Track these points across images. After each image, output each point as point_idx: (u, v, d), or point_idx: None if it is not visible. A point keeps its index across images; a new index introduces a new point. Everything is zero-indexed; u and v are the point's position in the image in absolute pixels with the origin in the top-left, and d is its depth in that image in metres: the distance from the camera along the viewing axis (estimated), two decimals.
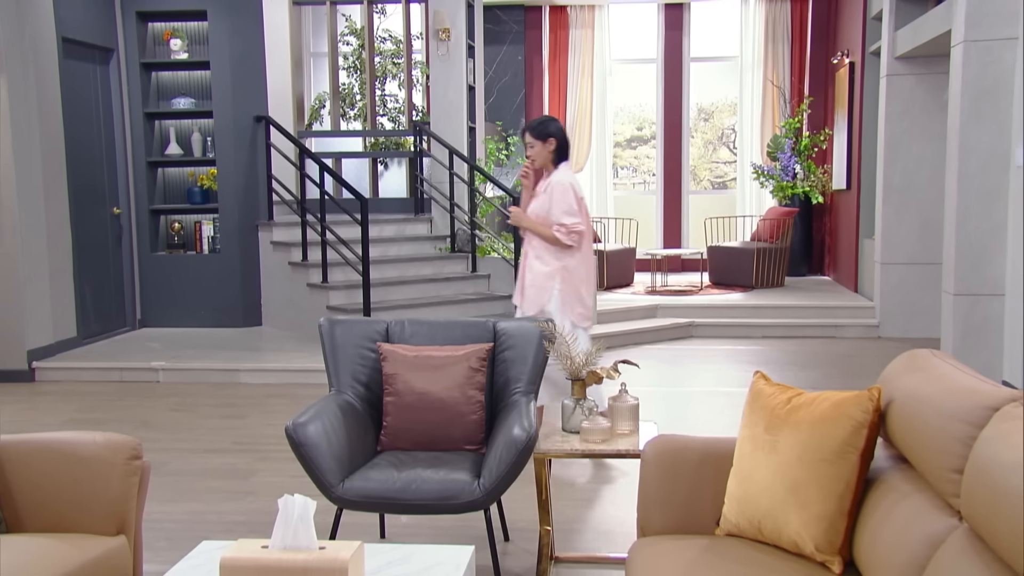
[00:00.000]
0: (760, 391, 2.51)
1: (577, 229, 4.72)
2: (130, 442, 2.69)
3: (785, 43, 11.14)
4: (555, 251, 4.78)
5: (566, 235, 4.71)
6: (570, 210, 4.71)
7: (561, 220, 4.70)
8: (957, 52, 6.07)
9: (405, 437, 3.36)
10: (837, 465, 2.21)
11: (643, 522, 2.67)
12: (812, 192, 10.41)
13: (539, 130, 4.78)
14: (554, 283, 4.76)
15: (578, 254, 4.81)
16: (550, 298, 4.76)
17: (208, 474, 4.65)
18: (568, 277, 4.77)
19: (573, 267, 4.78)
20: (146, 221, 8.30)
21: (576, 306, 4.77)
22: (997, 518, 1.66)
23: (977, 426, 1.88)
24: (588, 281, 4.87)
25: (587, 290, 4.86)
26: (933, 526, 1.91)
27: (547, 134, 4.77)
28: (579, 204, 4.76)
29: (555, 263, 4.77)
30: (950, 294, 6.15)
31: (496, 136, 11.07)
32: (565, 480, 4.44)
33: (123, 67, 8.14)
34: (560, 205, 4.72)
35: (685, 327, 8.45)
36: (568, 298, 4.76)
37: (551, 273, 4.77)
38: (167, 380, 6.78)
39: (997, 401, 1.89)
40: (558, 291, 4.76)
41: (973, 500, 1.78)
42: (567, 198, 4.72)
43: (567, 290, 4.76)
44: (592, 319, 4.93)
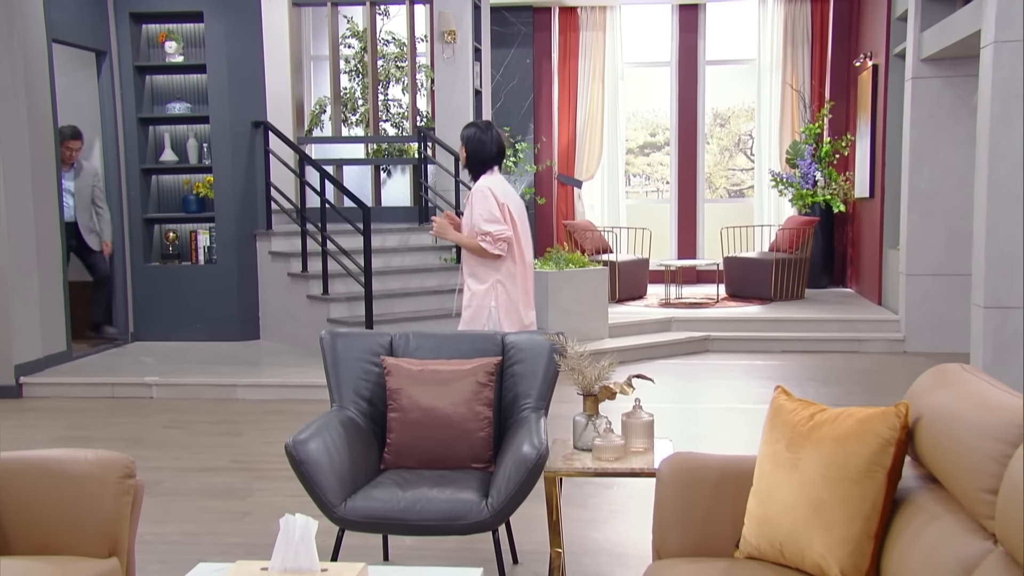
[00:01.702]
0: (781, 407, 2.50)
1: (503, 236, 4.55)
2: (123, 460, 2.69)
3: (805, 45, 11.15)
4: (485, 265, 4.63)
5: (492, 244, 4.55)
6: (491, 216, 4.54)
7: (483, 228, 4.54)
8: (987, 53, 6.07)
9: (410, 455, 3.35)
10: (863, 484, 2.20)
11: (659, 544, 2.66)
12: (833, 200, 10.40)
13: (462, 133, 4.75)
14: (490, 300, 4.62)
15: (511, 265, 4.65)
16: (487, 317, 4.63)
17: (204, 493, 4.65)
18: (503, 292, 4.62)
19: (507, 280, 4.63)
20: (139, 230, 8.33)
21: (515, 324, 4.63)
22: None
23: (1012, 444, 1.86)
24: (526, 295, 4.71)
25: (526, 305, 4.71)
26: (966, 549, 1.89)
27: (462, 140, 4.72)
28: (502, 209, 4.58)
29: (490, 278, 4.63)
30: (980, 307, 6.13)
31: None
32: (577, 500, 4.43)
33: (116, 70, 8.18)
34: (480, 212, 4.56)
35: (701, 341, 8.43)
36: (505, 316, 4.62)
37: (486, 290, 4.62)
38: (161, 396, 6.79)
39: None
40: (494, 308, 4.62)
41: (1008, 522, 1.76)
42: (486, 203, 4.56)
43: (504, 307, 4.62)
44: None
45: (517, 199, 4.78)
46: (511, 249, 4.66)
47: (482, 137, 4.66)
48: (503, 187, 4.72)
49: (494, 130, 4.73)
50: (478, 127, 4.71)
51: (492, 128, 4.73)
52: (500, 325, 4.62)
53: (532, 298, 4.82)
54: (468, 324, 4.66)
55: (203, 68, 8.19)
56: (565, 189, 11.55)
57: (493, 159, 4.70)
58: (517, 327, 4.61)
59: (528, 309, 4.73)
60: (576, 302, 7.84)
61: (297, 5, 9.14)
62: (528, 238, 4.82)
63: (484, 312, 4.65)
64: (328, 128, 9.40)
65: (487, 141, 4.66)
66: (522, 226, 4.75)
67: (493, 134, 4.70)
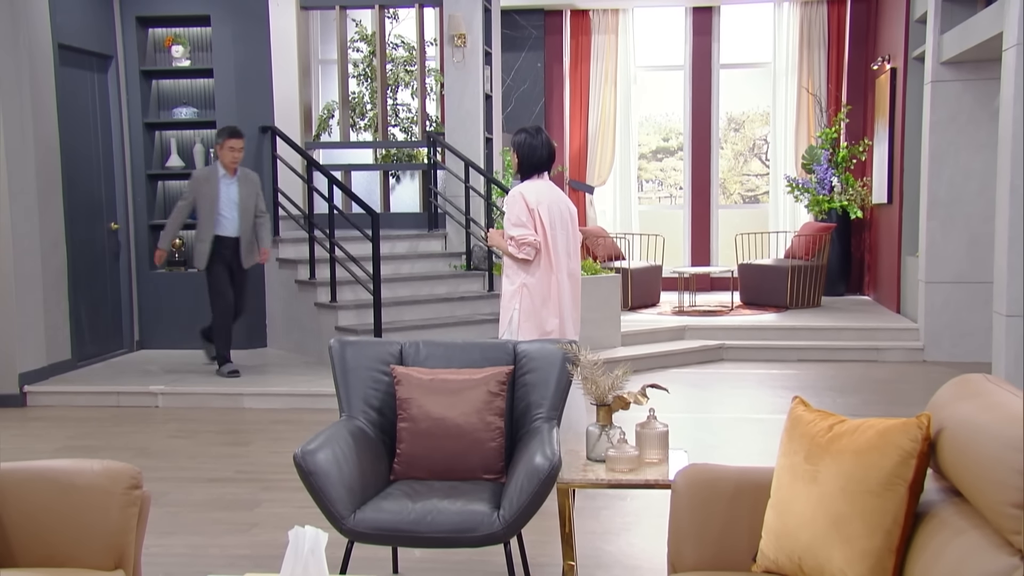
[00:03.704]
0: (799, 417, 2.49)
1: (527, 241, 4.67)
2: (129, 471, 2.69)
3: (821, 48, 11.14)
4: (516, 268, 4.77)
5: (517, 248, 4.70)
6: (518, 221, 4.70)
7: (510, 232, 4.71)
8: (1010, 56, 6.05)
9: (420, 465, 3.35)
10: (884, 498, 2.18)
11: (674, 557, 2.65)
12: (850, 206, 10.37)
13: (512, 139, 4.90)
14: (515, 303, 4.74)
15: (538, 271, 4.74)
16: (509, 320, 4.74)
17: (210, 505, 4.66)
18: (527, 296, 4.72)
19: (532, 285, 4.73)
20: (145, 237, 8.36)
21: (532, 330, 4.69)
22: None
23: None
24: (550, 302, 4.77)
25: (549, 312, 4.76)
26: (991, 565, 1.87)
27: (512, 145, 4.86)
28: (531, 215, 4.70)
29: (517, 281, 4.76)
30: (1002, 315, 6.10)
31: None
32: (590, 512, 4.42)
33: (122, 75, 8.23)
34: (509, 216, 4.74)
35: (715, 350, 8.41)
36: (525, 320, 4.71)
37: (513, 292, 4.76)
38: (167, 405, 6.81)
39: None
40: (517, 311, 4.72)
41: None
42: (515, 208, 4.73)
43: (525, 311, 4.72)
44: None
45: (557, 206, 4.85)
46: (540, 255, 4.73)
47: (532, 142, 4.81)
48: (538, 192, 4.81)
49: (544, 135, 4.90)
50: (528, 132, 4.88)
51: (542, 132, 4.90)
52: (520, 329, 4.68)
53: (566, 306, 4.85)
54: (501, 324, 4.83)
55: (210, 72, 8.23)
56: (577, 195, 11.55)
57: (544, 163, 4.85)
58: (536, 333, 4.67)
59: (551, 316, 4.77)
60: (588, 310, 7.78)
61: (305, 8, 9.17)
62: (568, 245, 4.87)
63: (508, 314, 4.78)
64: (336, 133, 9.43)
65: (537, 146, 4.82)
66: (561, 233, 4.82)
67: (543, 138, 4.86)
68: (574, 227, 4.94)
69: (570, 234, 4.89)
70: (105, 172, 8.13)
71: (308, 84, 9.37)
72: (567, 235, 4.86)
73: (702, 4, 11.34)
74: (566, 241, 4.85)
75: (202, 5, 8.14)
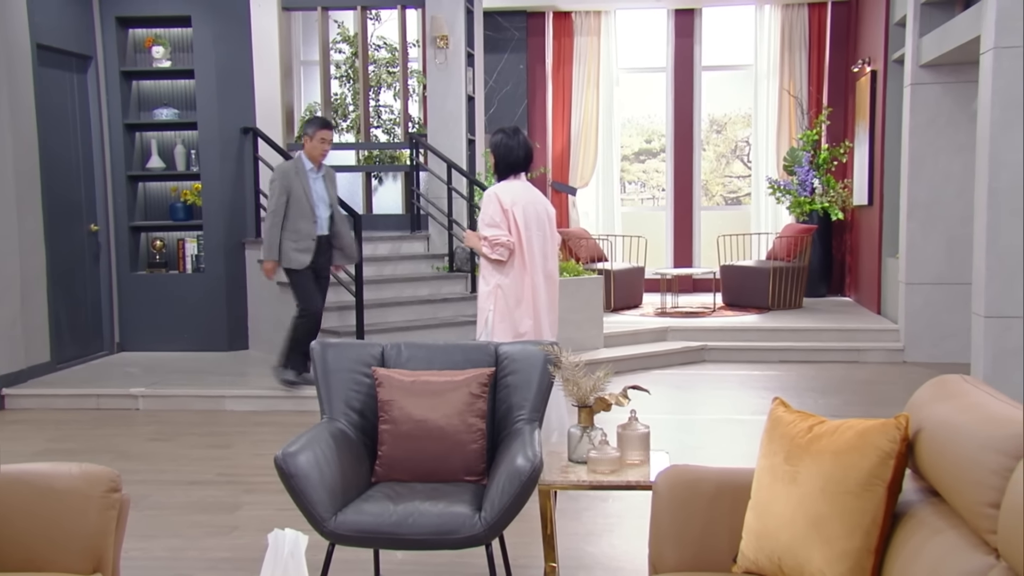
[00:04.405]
0: (779, 418, 2.50)
1: (500, 241, 4.69)
2: (108, 474, 2.68)
3: (802, 51, 11.19)
4: (491, 269, 4.78)
5: (490, 248, 4.72)
6: (491, 221, 4.71)
7: (483, 232, 4.73)
8: (987, 59, 6.09)
9: (401, 467, 3.34)
10: (863, 498, 2.20)
11: (655, 558, 2.66)
12: (831, 208, 10.43)
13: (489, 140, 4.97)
14: (489, 304, 4.76)
15: (512, 272, 4.75)
16: (485, 320, 4.75)
17: (191, 508, 4.63)
18: (502, 297, 4.74)
19: (506, 286, 4.74)
20: (126, 238, 8.31)
21: (507, 331, 4.69)
22: None
23: (1014, 457, 1.87)
24: (523, 303, 4.78)
25: (523, 313, 4.77)
26: (968, 564, 1.89)
27: (490, 146, 4.91)
28: (505, 215, 4.71)
29: (492, 282, 4.77)
30: (981, 316, 6.14)
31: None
32: (572, 513, 4.42)
33: (102, 75, 8.18)
34: (483, 217, 4.77)
35: (697, 351, 8.44)
36: (499, 321, 4.71)
37: (488, 293, 4.78)
38: (147, 407, 6.77)
39: None
40: (491, 312, 4.74)
41: (1011, 536, 1.77)
42: (488, 209, 4.75)
43: (500, 312, 4.73)
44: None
45: (533, 207, 4.85)
46: (514, 256, 4.72)
47: (509, 142, 4.84)
48: (514, 193, 4.80)
49: (521, 135, 4.90)
50: (505, 133, 4.90)
51: (519, 133, 4.90)
52: (494, 330, 4.68)
53: (541, 308, 4.85)
54: (477, 327, 4.84)
55: (191, 73, 8.20)
56: (559, 197, 11.56)
57: (521, 164, 4.88)
58: (510, 335, 4.66)
59: (525, 318, 4.77)
60: (571, 311, 7.83)
61: (287, 9, 9.14)
62: (544, 247, 4.86)
63: (484, 315, 4.79)
64: None
65: (514, 146, 4.84)
66: (537, 234, 4.82)
67: (520, 139, 4.89)
68: (552, 228, 4.93)
69: (547, 235, 4.89)
70: (85, 173, 8.08)
71: (290, 85, 9.34)
72: (544, 236, 4.86)
73: (684, 6, 11.38)
74: (542, 242, 4.85)
75: (183, 6, 8.11)
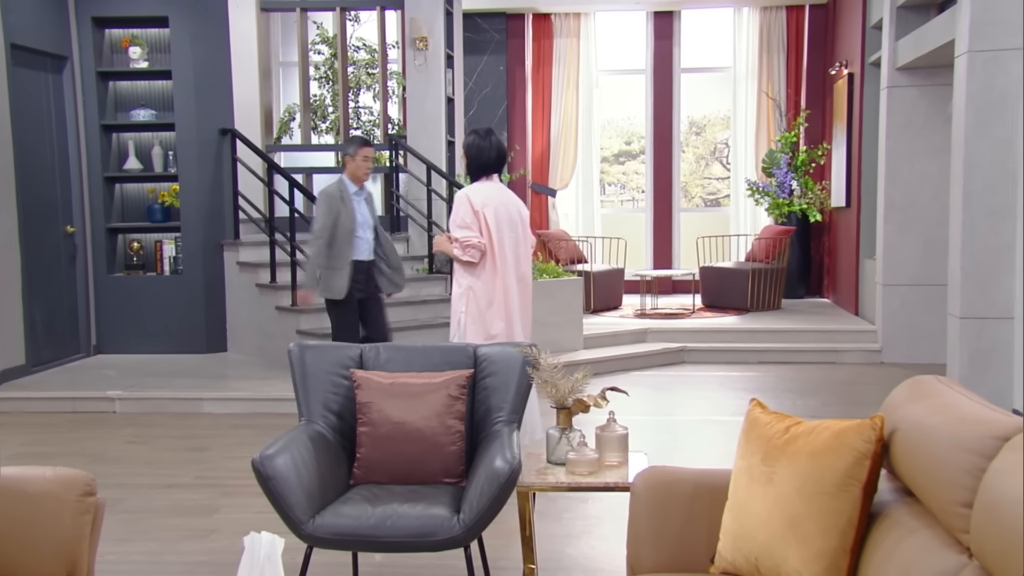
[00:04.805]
0: (756, 419, 2.51)
1: (471, 243, 4.71)
2: (83, 477, 2.65)
3: (780, 53, 11.25)
4: (463, 271, 4.81)
5: (461, 250, 4.73)
6: (462, 223, 4.74)
7: (455, 234, 4.75)
8: (961, 63, 6.15)
9: (380, 470, 3.34)
10: (838, 498, 2.21)
11: (633, 559, 2.66)
12: (810, 210, 10.49)
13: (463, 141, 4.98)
14: (461, 306, 4.78)
15: (483, 274, 4.77)
16: (458, 322, 4.77)
17: (168, 511, 4.60)
18: (473, 299, 4.76)
19: (478, 288, 4.76)
20: (102, 240, 8.25)
21: (478, 333, 4.71)
22: (1009, 555, 1.66)
23: (986, 457, 1.88)
24: (495, 305, 4.79)
25: (495, 315, 4.78)
26: (941, 563, 1.90)
27: (463, 147, 4.93)
28: (476, 217, 4.73)
29: (464, 284, 4.80)
30: (956, 317, 6.19)
31: None
32: (551, 514, 4.42)
33: (78, 76, 8.12)
34: (454, 218, 4.79)
35: (676, 352, 8.46)
36: (471, 323, 4.74)
37: (460, 295, 4.80)
38: (124, 410, 6.72)
39: (1007, 430, 1.90)
40: (463, 314, 4.76)
41: (983, 536, 1.78)
42: (459, 210, 4.77)
43: (471, 314, 4.76)
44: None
45: (505, 208, 4.85)
46: (486, 257, 4.73)
47: (481, 143, 4.85)
48: (485, 194, 4.81)
49: (494, 136, 4.91)
50: (478, 134, 4.92)
51: (492, 134, 4.92)
52: (466, 332, 4.70)
53: (513, 310, 4.85)
54: (451, 329, 4.85)
55: (168, 74, 8.15)
56: (539, 198, 11.57)
57: (492, 165, 4.88)
58: (482, 337, 4.68)
59: (497, 320, 4.77)
60: (550, 313, 7.85)
61: (265, 10, 9.11)
62: (517, 248, 4.87)
63: (456, 317, 4.80)
64: (297, 136, 9.37)
65: (486, 147, 4.85)
66: (509, 235, 4.83)
67: (493, 140, 4.90)
68: (525, 230, 4.95)
69: (520, 237, 4.89)
70: (60, 174, 8.02)
71: (269, 86, 9.31)
72: (516, 238, 4.87)
73: (663, 8, 11.42)
74: (515, 244, 4.86)
75: (160, 6, 8.06)
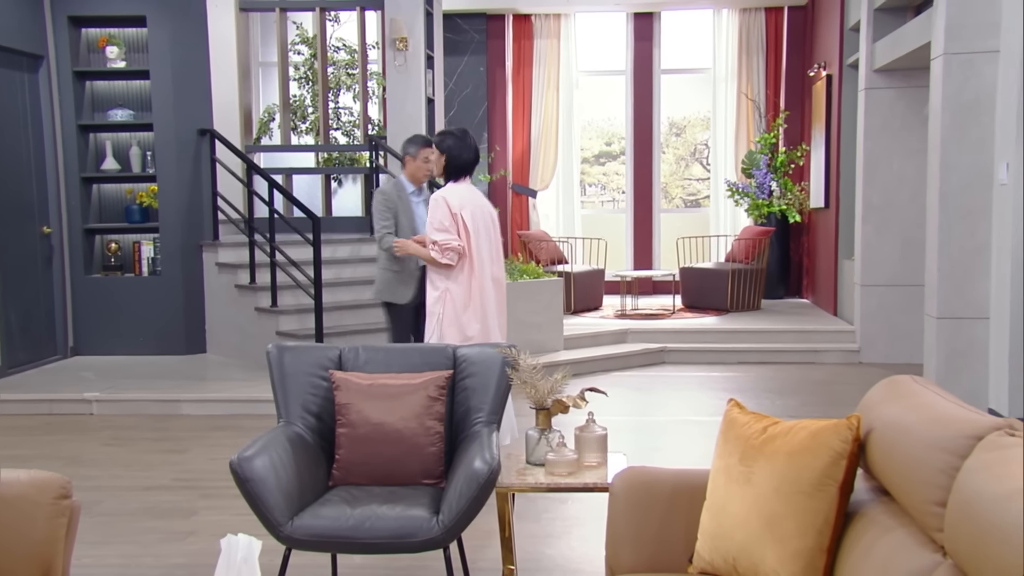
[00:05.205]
0: (734, 420, 2.52)
1: (450, 246, 4.73)
2: (58, 480, 2.63)
3: (760, 54, 11.31)
4: (440, 274, 4.81)
5: (440, 253, 4.74)
6: (440, 225, 4.75)
7: (433, 237, 4.76)
8: (937, 65, 6.19)
9: (359, 471, 3.33)
10: (815, 498, 2.22)
11: (612, 560, 2.66)
12: (789, 210, 10.55)
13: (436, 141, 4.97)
14: (438, 308, 4.79)
15: (460, 276, 4.80)
16: (436, 324, 4.78)
17: (145, 513, 4.57)
18: (450, 301, 4.77)
19: (455, 290, 4.78)
20: (80, 241, 8.19)
21: (455, 335, 4.73)
22: (982, 553, 1.68)
23: (960, 456, 1.89)
24: (471, 307, 4.82)
25: (471, 317, 4.81)
26: (916, 562, 1.92)
27: (441, 148, 4.91)
28: (454, 219, 4.76)
29: (440, 287, 4.81)
30: (933, 317, 6.24)
31: None
32: (530, 515, 4.43)
33: (54, 75, 8.05)
34: (431, 221, 4.79)
35: (657, 353, 8.48)
36: (449, 325, 4.76)
37: (437, 298, 4.81)
38: (102, 412, 6.67)
39: (981, 430, 1.91)
40: (441, 316, 4.78)
41: (957, 534, 1.79)
42: (437, 213, 4.78)
43: (448, 316, 4.77)
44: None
45: (480, 210, 4.88)
46: (463, 260, 4.74)
47: (460, 145, 4.87)
48: (461, 196, 4.82)
49: (470, 137, 4.93)
50: (455, 135, 4.94)
51: (468, 135, 4.95)
52: (444, 335, 4.70)
53: (490, 311, 4.88)
54: (427, 331, 4.84)
55: (146, 74, 8.10)
56: (519, 199, 11.58)
57: (469, 166, 4.91)
58: (459, 339, 4.69)
59: (473, 321, 4.80)
60: (531, 314, 7.85)
61: (244, 10, 9.07)
62: (491, 250, 4.89)
63: (433, 319, 4.80)
64: (277, 136, 9.33)
65: (464, 149, 4.88)
66: (484, 237, 4.84)
67: (470, 141, 4.93)
68: (496, 231, 4.98)
69: (492, 238, 4.93)
70: (37, 174, 7.95)
71: (248, 87, 9.26)
72: (490, 239, 4.91)
73: (643, 10, 11.45)
74: (489, 246, 4.89)
75: (137, 5, 8.01)
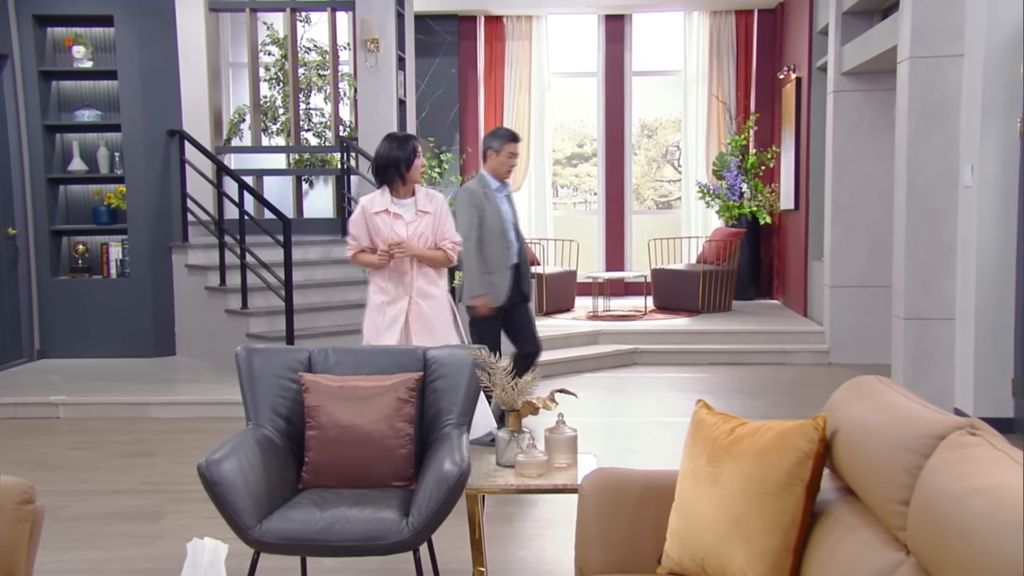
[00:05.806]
0: (702, 421, 2.53)
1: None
2: (21, 485, 2.60)
3: (730, 57, 11.38)
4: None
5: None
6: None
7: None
8: (903, 68, 6.26)
9: (329, 473, 3.32)
10: (782, 498, 2.24)
11: (581, 561, 2.67)
12: (759, 212, 10.62)
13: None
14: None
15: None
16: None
17: (112, 518, 4.53)
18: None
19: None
20: (46, 243, 8.10)
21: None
22: (943, 551, 1.70)
23: (923, 455, 1.92)
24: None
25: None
26: (880, 561, 1.94)
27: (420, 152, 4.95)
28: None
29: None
30: (900, 318, 6.31)
31: (429, 153, 11.09)
32: (501, 517, 4.43)
33: (18, 75, 7.95)
34: (451, 221, 4.85)
35: (628, 354, 8.51)
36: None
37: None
38: (68, 416, 6.60)
39: (943, 429, 1.93)
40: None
41: (919, 533, 1.81)
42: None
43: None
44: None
45: None
46: None
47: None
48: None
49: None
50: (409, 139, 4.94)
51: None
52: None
53: None
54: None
55: (114, 74, 8.02)
56: None
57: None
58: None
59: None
60: None
61: (214, 10, 9.01)
62: None
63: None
64: (247, 137, 9.28)
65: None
66: None
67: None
68: None
69: None
70: (2, 175, 7.84)
71: (218, 87, 9.20)
72: None
73: (614, 12, 11.49)
74: None
75: (104, 5, 7.92)
